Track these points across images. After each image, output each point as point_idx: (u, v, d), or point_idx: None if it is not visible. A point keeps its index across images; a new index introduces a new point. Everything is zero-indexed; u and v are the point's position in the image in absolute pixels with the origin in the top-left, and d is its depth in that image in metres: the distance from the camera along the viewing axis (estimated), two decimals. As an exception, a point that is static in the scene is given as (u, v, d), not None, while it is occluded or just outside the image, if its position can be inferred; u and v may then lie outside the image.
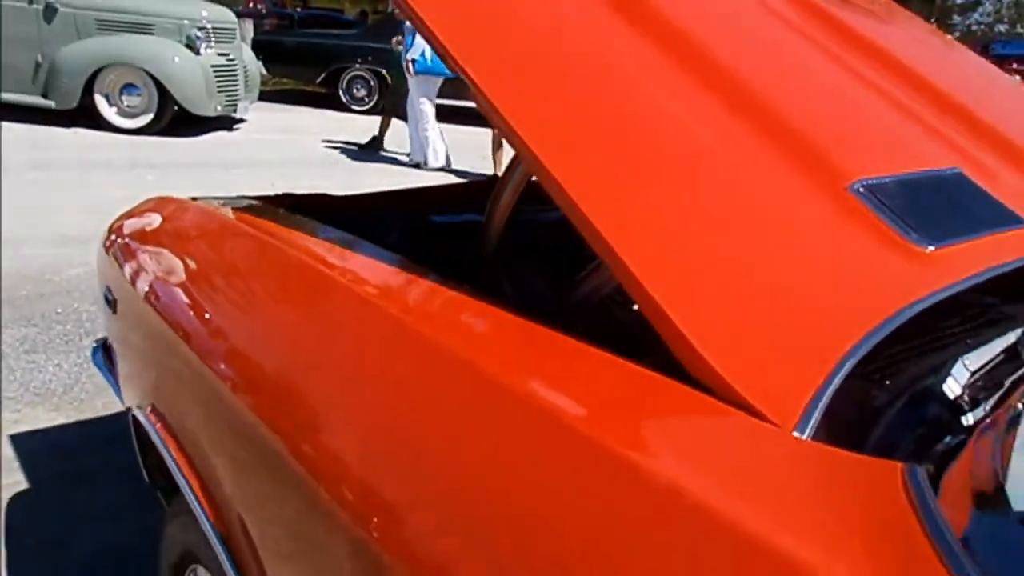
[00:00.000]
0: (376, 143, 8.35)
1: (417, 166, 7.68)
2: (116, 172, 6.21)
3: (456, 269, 1.22)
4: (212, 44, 8.19)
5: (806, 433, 0.72)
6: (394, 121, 8.18)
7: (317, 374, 1.02)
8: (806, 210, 1.03)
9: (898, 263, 0.99)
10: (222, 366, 1.16)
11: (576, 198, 0.91)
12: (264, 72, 10.62)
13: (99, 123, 7.76)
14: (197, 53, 7.95)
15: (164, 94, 7.79)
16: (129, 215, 1.77)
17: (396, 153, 8.21)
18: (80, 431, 2.63)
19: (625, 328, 1.09)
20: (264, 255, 1.31)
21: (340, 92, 11.49)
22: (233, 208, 1.54)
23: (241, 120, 9.22)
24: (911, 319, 0.89)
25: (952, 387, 0.88)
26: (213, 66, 8.09)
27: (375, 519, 0.79)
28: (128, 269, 1.55)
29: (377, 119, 8.58)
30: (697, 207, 0.99)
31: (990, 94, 1.72)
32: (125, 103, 7.85)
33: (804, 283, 0.93)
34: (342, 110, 11.13)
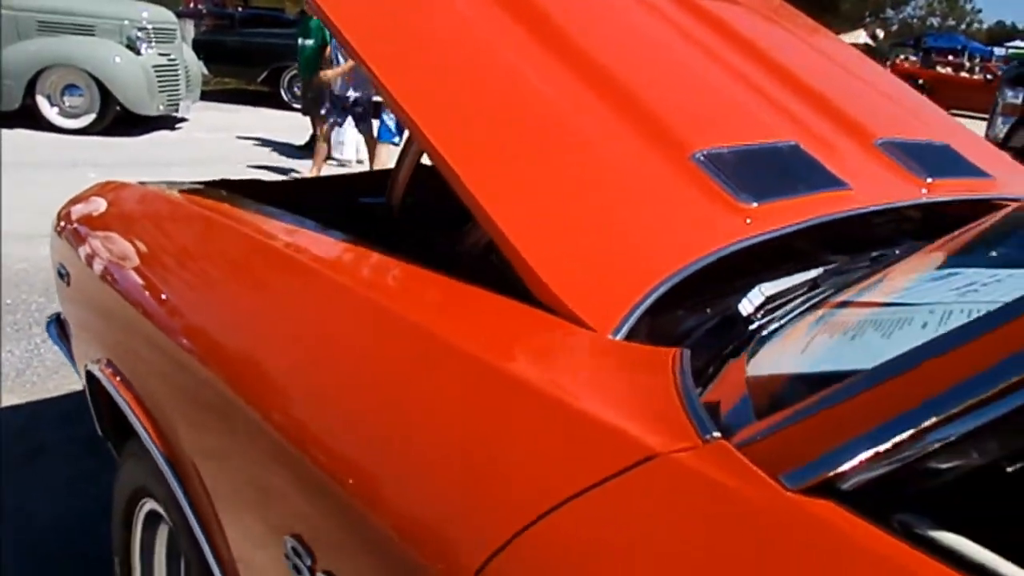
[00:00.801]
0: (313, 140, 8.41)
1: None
2: (58, 171, 6.27)
3: (375, 236, 1.43)
4: (153, 44, 8.25)
5: (619, 335, 0.93)
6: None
7: (262, 329, 1.20)
8: (649, 172, 1.26)
9: (723, 216, 1.22)
10: (172, 324, 1.34)
11: (447, 157, 1.12)
12: (206, 72, 10.66)
13: (41, 124, 7.78)
14: (138, 53, 8.01)
15: (106, 94, 7.84)
16: (78, 200, 1.93)
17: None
18: (33, 410, 2.77)
19: (497, 269, 1.31)
20: (207, 227, 1.50)
21: (282, 91, 11.58)
22: (178, 190, 1.73)
23: (183, 119, 9.27)
24: (738, 262, 1.11)
25: (746, 307, 1.10)
26: (154, 66, 8.15)
27: (315, 451, 0.97)
28: (80, 243, 1.72)
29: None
30: (551, 164, 1.21)
31: (847, 79, 1.97)
32: (67, 103, 7.88)
33: (637, 229, 1.15)
34: (284, 108, 11.21)
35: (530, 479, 0.75)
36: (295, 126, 9.38)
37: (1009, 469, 0.58)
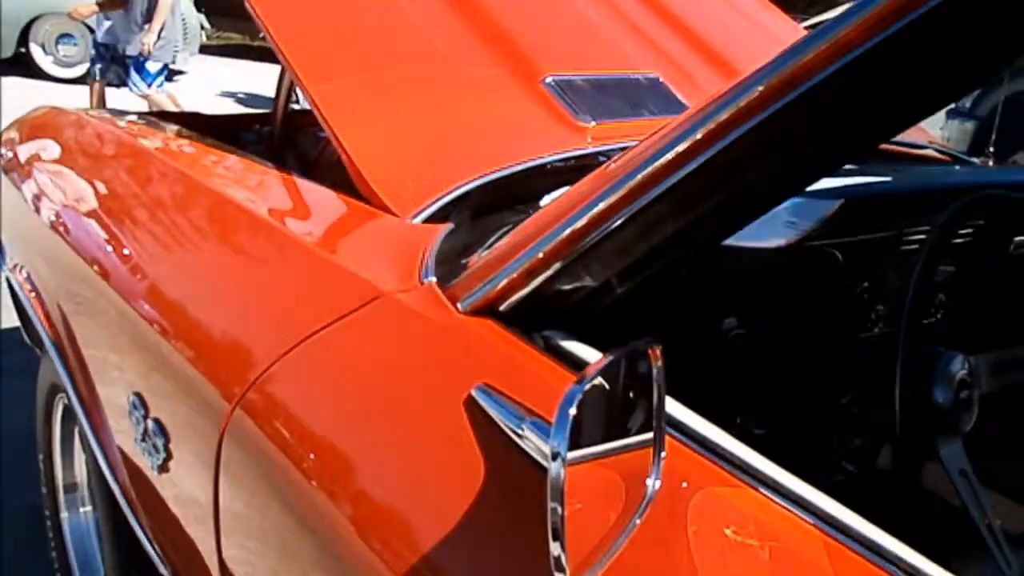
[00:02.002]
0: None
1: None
2: (49, 118, 6.37)
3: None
4: (148, -5, 8.31)
5: (416, 220, 1.07)
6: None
7: (138, 232, 1.34)
8: (497, 90, 1.38)
9: (559, 132, 1.35)
10: (67, 231, 1.48)
11: (295, 67, 1.25)
12: (206, 25, 10.71)
13: (35, 72, 7.89)
14: (132, 3, 8.08)
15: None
16: (16, 123, 2.07)
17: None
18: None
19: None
20: (115, 146, 1.64)
21: (284, 46, 11.62)
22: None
23: (181, 72, 9.36)
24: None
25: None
26: (149, 17, 8.23)
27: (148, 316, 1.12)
28: (8, 161, 1.87)
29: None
30: (395, 74, 1.34)
31: (723, 17, 2.06)
32: (61, 52, 7.98)
33: (470, 138, 1.28)
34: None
35: (291, 314, 0.90)
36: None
37: (619, 291, 0.72)
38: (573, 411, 0.53)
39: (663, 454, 0.59)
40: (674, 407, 0.66)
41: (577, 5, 1.73)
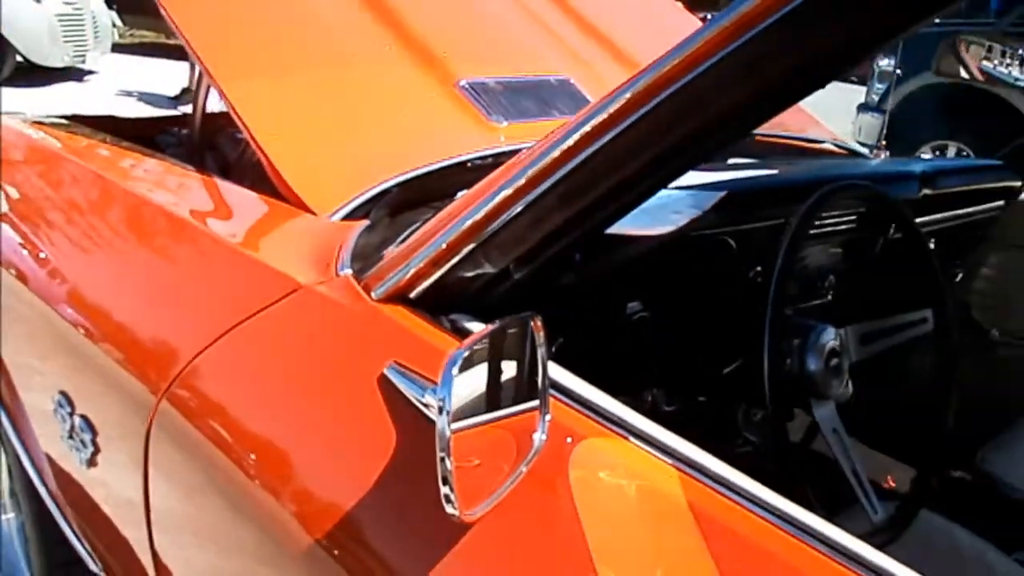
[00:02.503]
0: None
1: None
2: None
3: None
4: (56, -8, 8.08)
5: (335, 218, 1.12)
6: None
7: (55, 235, 1.36)
8: (413, 94, 1.44)
9: (473, 132, 1.41)
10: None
11: (213, 74, 1.29)
12: (118, 23, 10.44)
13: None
14: (39, 1, 7.85)
15: (4, 44, 7.67)
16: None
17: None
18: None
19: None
20: (44, 158, 1.64)
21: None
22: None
23: (92, 72, 9.12)
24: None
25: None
26: (57, 15, 7.99)
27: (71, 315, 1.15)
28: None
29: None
30: (314, 79, 1.38)
31: (632, 18, 2.16)
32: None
33: (388, 139, 1.34)
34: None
35: (213, 309, 0.95)
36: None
37: (517, 276, 0.79)
38: (455, 371, 0.62)
39: (548, 416, 0.67)
40: (562, 375, 0.74)
41: (491, 8, 1.80)
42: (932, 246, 1.69)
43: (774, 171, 1.56)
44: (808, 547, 0.63)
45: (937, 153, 5.25)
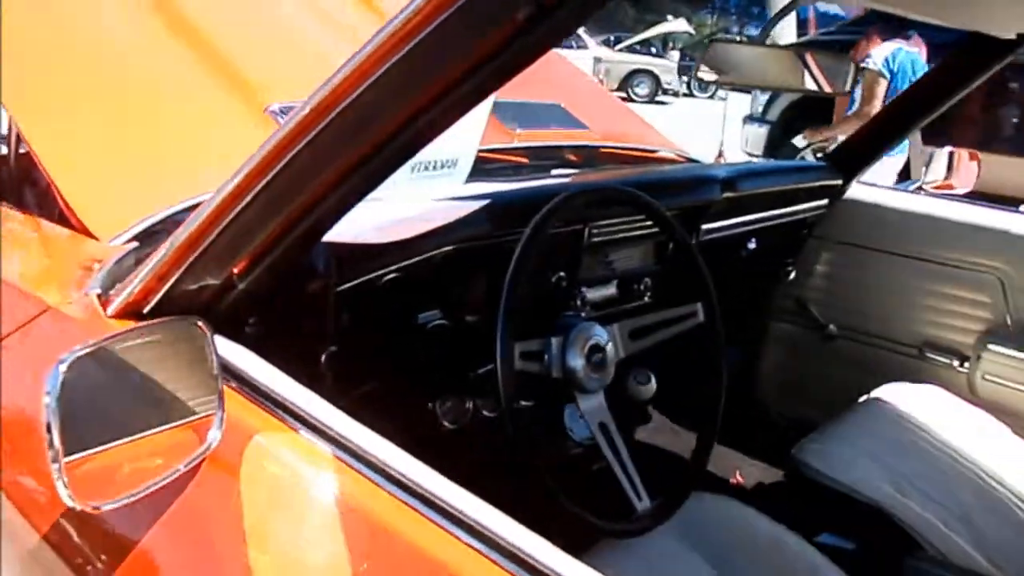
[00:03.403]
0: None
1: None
2: None
3: None
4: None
5: (114, 242, 1.13)
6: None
7: None
8: (222, 121, 1.46)
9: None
10: None
11: (19, 123, 1.29)
12: None
13: None
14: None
15: None
16: None
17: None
18: None
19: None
20: None
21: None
22: None
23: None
24: None
25: None
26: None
27: None
28: None
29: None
30: (112, 111, 1.38)
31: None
32: None
33: (187, 167, 1.35)
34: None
35: None
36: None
37: (242, 286, 0.82)
38: (63, 368, 0.65)
39: (222, 413, 0.69)
40: (250, 366, 0.76)
41: (305, 33, 1.83)
42: (752, 244, 1.77)
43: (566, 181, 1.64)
44: (461, 542, 0.63)
45: (818, 156, 5.43)
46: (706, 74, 1.59)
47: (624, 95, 15.94)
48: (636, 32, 18.17)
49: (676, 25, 16.85)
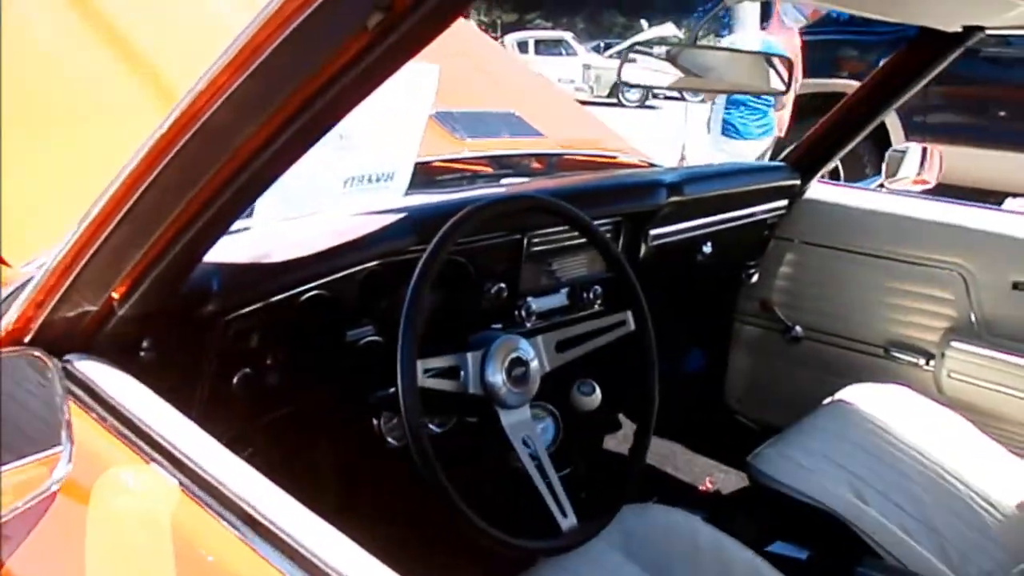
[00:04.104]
0: None
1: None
2: None
3: None
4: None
5: (25, 268, 1.10)
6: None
7: None
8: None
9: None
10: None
11: None
12: None
13: None
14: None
15: None
16: None
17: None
18: None
19: None
20: None
21: None
22: None
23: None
24: None
25: None
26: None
27: None
28: None
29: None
30: (50, 144, 1.35)
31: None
32: None
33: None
34: None
35: None
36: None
37: (122, 312, 0.79)
38: None
39: (71, 447, 0.66)
40: (114, 394, 0.73)
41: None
42: (709, 248, 1.74)
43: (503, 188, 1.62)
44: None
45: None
46: (630, 78, 1.57)
47: (615, 101, 15.97)
48: (626, 38, 18.22)
49: (664, 30, 16.88)
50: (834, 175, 4.00)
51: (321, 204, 1.32)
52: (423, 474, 0.95)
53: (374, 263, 1.14)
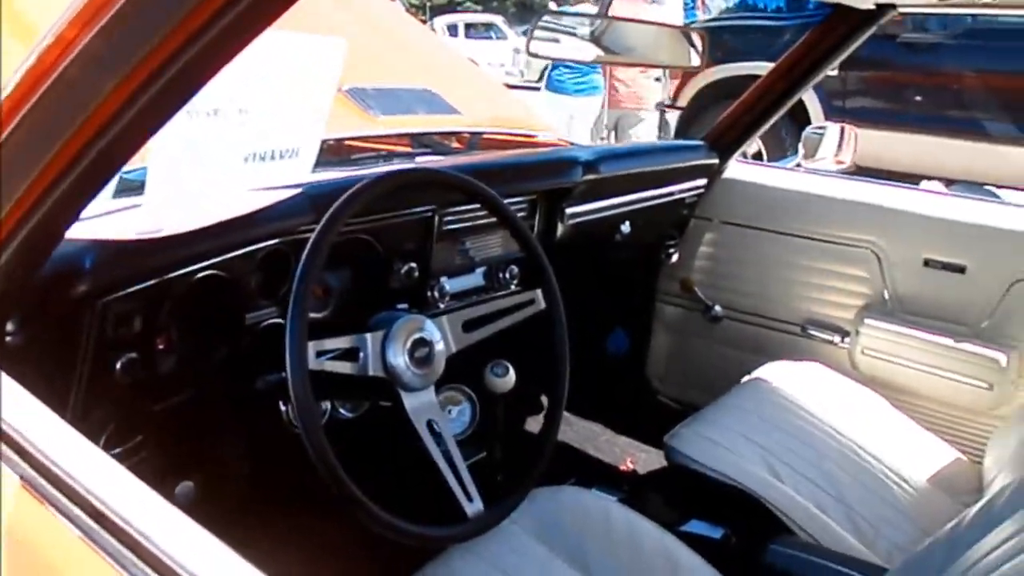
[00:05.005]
0: None
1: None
2: None
3: None
4: None
5: None
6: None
7: None
8: None
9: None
10: None
11: None
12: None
13: None
14: None
15: None
16: None
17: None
18: None
19: None
20: None
21: None
22: None
23: None
24: None
25: None
26: None
27: None
28: None
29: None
30: None
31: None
32: None
33: None
34: None
35: None
36: None
37: None
38: None
39: None
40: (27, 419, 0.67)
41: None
42: (627, 228, 1.72)
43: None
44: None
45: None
46: (539, 51, 1.54)
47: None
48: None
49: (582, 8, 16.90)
50: (757, 156, 4.07)
51: (220, 180, 1.26)
52: (313, 459, 0.90)
53: (273, 242, 1.09)
